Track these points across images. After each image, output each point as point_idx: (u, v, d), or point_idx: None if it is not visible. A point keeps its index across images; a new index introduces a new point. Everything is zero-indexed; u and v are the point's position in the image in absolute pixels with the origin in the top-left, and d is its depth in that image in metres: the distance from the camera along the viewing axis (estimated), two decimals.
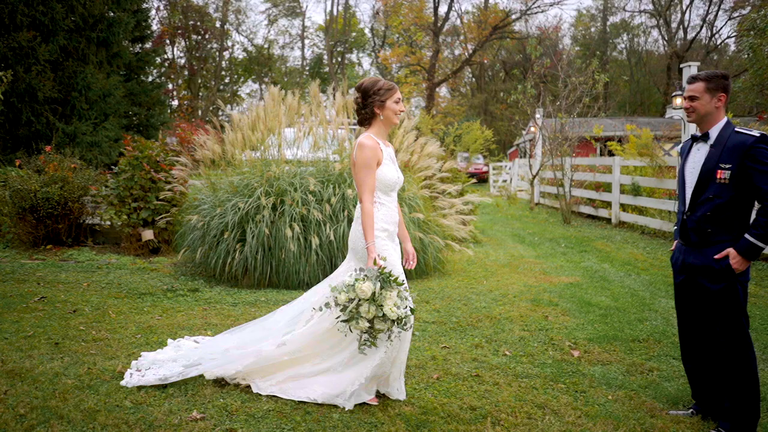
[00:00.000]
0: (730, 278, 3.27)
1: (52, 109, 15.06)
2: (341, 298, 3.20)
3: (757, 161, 3.19)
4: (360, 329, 3.21)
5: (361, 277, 3.19)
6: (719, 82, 3.37)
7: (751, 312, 5.80)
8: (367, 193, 3.44)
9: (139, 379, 3.70)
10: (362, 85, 3.58)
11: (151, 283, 6.83)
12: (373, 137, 3.51)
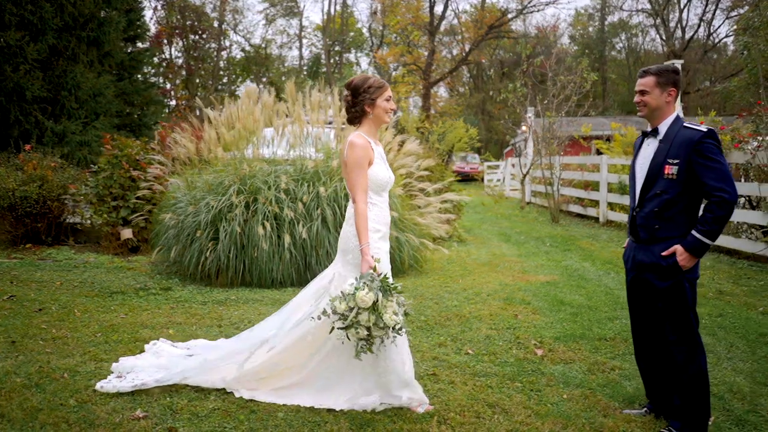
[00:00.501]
0: (677, 276, 3.23)
1: (41, 108, 15.02)
2: (340, 306, 3.11)
3: (704, 156, 3.14)
4: (358, 337, 3.14)
5: (361, 285, 3.10)
6: (670, 77, 3.33)
7: (724, 310, 5.75)
8: (360, 193, 3.35)
9: (116, 383, 3.60)
10: (352, 83, 3.50)
11: (125, 281, 6.80)
12: (364, 136, 3.42)
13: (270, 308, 5.74)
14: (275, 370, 3.54)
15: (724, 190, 3.07)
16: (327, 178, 6.98)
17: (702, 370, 3.26)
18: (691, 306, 3.26)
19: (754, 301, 6.09)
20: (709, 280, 7.08)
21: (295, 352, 3.52)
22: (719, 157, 3.14)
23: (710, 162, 3.13)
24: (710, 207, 3.10)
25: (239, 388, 3.57)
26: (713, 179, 3.10)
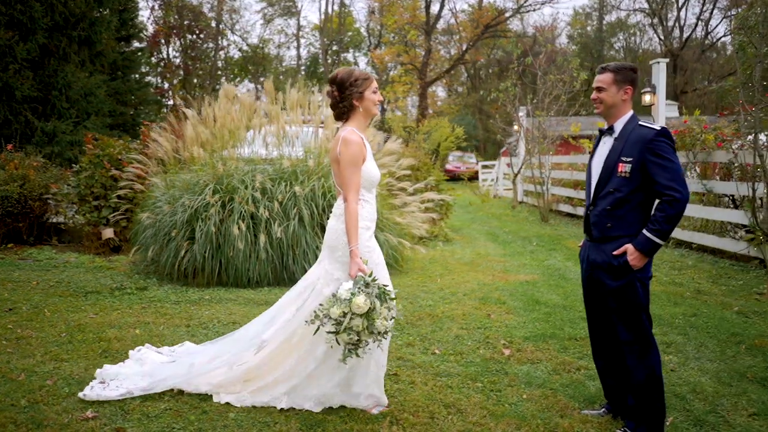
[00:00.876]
0: (628, 275, 3.20)
1: (32, 108, 15.01)
2: (335, 312, 3.03)
3: (656, 155, 3.11)
4: (347, 341, 3.07)
5: (357, 291, 3.03)
6: (627, 75, 3.30)
7: (699, 310, 5.72)
8: (353, 192, 3.25)
9: (100, 391, 3.50)
10: (337, 77, 3.36)
11: (102, 281, 6.78)
12: (357, 132, 3.32)
13: (243, 308, 5.73)
14: (259, 372, 3.49)
15: (675, 189, 3.04)
16: (305, 177, 6.95)
17: (655, 370, 3.23)
18: (643, 306, 3.23)
19: (731, 301, 6.05)
20: (689, 280, 7.04)
21: (280, 352, 3.47)
22: (672, 156, 3.11)
23: (662, 161, 3.09)
24: (661, 206, 3.07)
25: (221, 392, 3.49)
26: (665, 178, 3.07)
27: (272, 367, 3.48)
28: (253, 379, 3.51)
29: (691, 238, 8.80)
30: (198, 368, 3.64)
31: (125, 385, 3.57)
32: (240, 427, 3.19)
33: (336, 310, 3.03)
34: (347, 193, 3.26)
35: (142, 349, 4.20)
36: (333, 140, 3.44)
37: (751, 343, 4.78)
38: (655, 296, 6.29)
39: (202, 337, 4.78)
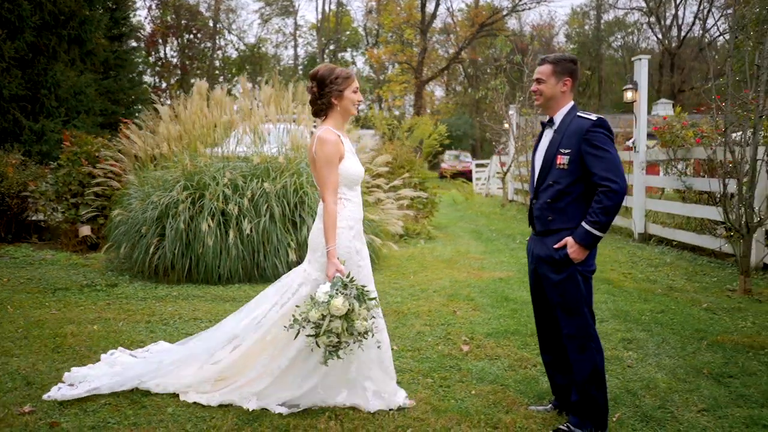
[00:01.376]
0: (569, 268, 3.16)
1: (21, 106, 15.00)
2: (314, 315, 2.97)
3: (593, 145, 3.07)
4: (327, 344, 3.01)
5: (335, 293, 2.98)
6: (566, 66, 3.26)
7: (668, 307, 5.67)
8: (330, 191, 3.21)
9: (67, 391, 3.41)
10: (317, 73, 3.31)
11: (74, 278, 6.76)
12: (333, 130, 3.27)
13: (209, 304, 5.70)
14: (234, 370, 3.44)
15: (612, 180, 3.00)
16: (277, 173, 6.93)
17: (597, 364, 3.19)
18: (585, 299, 3.19)
19: (701, 298, 6.01)
20: (664, 277, 7.00)
21: (253, 351, 3.42)
22: (608, 146, 3.07)
23: (599, 151, 3.06)
24: (598, 197, 3.04)
25: (189, 392, 3.43)
26: (601, 169, 3.03)
27: (244, 365, 3.43)
28: (226, 378, 3.45)
29: (672, 236, 8.76)
30: (167, 366, 3.59)
31: (94, 384, 3.51)
32: (176, 421, 3.16)
33: (314, 313, 2.98)
34: (324, 193, 3.23)
35: (116, 352, 4.10)
36: (310, 140, 3.39)
37: (713, 339, 4.74)
38: (626, 293, 6.26)
39: (161, 333, 4.76)
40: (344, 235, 3.25)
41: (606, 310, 5.59)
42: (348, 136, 3.51)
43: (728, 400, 3.66)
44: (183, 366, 3.57)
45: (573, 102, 3.32)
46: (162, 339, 4.60)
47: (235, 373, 3.44)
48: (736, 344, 4.62)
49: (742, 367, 4.17)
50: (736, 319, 5.28)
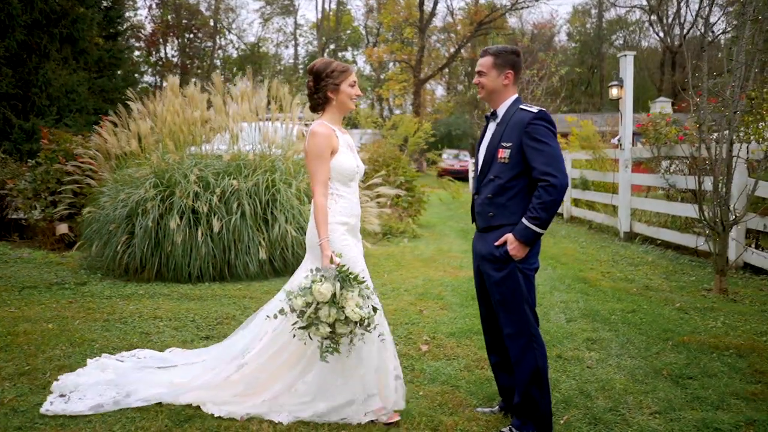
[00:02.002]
0: (510, 266, 3.06)
1: (11, 105, 15.00)
2: (298, 302, 2.87)
3: (533, 138, 2.98)
4: (321, 335, 2.89)
5: (318, 278, 2.88)
6: (507, 58, 3.16)
7: (640, 306, 5.56)
8: (318, 185, 3.13)
9: (63, 405, 3.25)
10: (314, 67, 3.26)
11: (45, 276, 6.69)
12: (327, 124, 3.20)
13: (173, 303, 5.62)
14: (254, 385, 3.29)
15: (551, 175, 2.90)
16: (250, 171, 6.85)
17: (538, 365, 3.09)
18: (526, 297, 3.09)
19: (676, 297, 5.90)
20: (642, 276, 6.89)
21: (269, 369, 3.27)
22: (550, 140, 2.97)
23: (539, 144, 2.96)
24: (538, 192, 2.94)
25: (207, 402, 3.28)
26: (541, 163, 2.93)
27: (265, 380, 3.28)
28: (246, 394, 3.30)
29: (656, 234, 8.64)
30: (181, 385, 3.45)
31: (90, 396, 3.35)
32: (104, 422, 3.08)
33: (298, 301, 2.88)
34: (313, 186, 3.16)
35: (100, 358, 3.96)
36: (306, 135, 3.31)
37: (679, 339, 4.63)
38: (601, 292, 6.15)
39: (116, 332, 4.68)
40: (336, 231, 3.17)
41: (576, 310, 5.49)
42: (348, 132, 3.42)
43: (683, 403, 3.56)
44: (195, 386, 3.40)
45: (517, 95, 3.22)
46: (116, 337, 4.54)
47: (257, 389, 3.28)
48: (702, 345, 4.51)
49: (704, 368, 4.07)
50: (707, 319, 5.17)
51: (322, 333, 2.89)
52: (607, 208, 10.41)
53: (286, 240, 6.64)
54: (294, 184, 6.92)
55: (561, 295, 6.06)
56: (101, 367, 3.74)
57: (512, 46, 3.26)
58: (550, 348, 4.49)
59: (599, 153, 10.45)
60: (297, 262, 6.77)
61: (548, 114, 3.07)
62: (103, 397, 3.32)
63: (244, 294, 5.96)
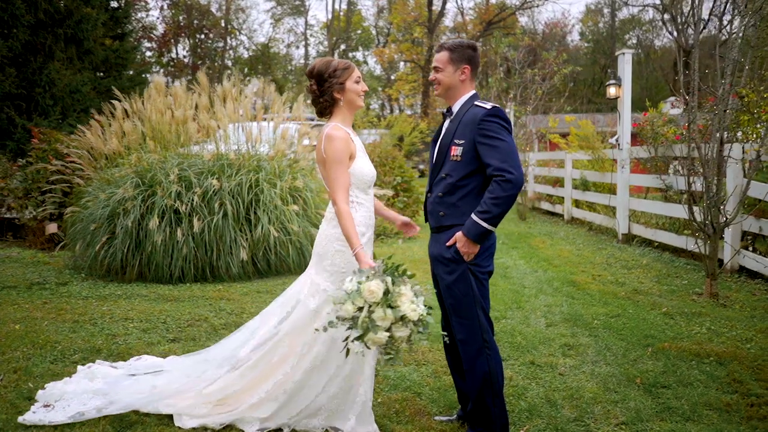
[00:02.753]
0: (461, 268, 2.94)
1: (15, 105, 15.09)
2: (348, 309, 2.56)
3: (485, 135, 2.85)
4: (378, 343, 2.57)
5: (364, 278, 2.59)
6: (463, 53, 3.02)
7: (625, 310, 5.39)
8: (340, 191, 2.92)
9: (44, 414, 3.15)
10: (314, 70, 3.06)
11: (28, 276, 6.66)
12: (342, 127, 3.00)
13: (149, 304, 5.55)
14: (236, 394, 3.16)
15: (506, 170, 2.77)
16: (233, 171, 6.77)
17: (492, 372, 2.96)
18: (478, 301, 2.96)
19: (664, 301, 5.72)
20: (633, 279, 6.71)
21: (258, 373, 3.12)
22: (504, 135, 2.84)
23: (493, 141, 2.83)
24: (491, 187, 2.79)
25: (183, 416, 3.14)
26: (496, 159, 2.80)
27: (247, 389, 3.14)
28: (226, 403, 3.16)
29: (654, 236, 8.44)
30: (161, 391, 3.31)
31: (74, 405, 3.24)
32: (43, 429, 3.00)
33: (348, 307, 2.57)
34: (335, 194, 2.94)
35: (93, 365, 3.83)
36: (317, 139, 3.10)
37: (660, 346, 4.46)
38: (588, 296, 5.99)
39: (83, 333, 4.61)
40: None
41: (558, 314, 5.33)
42: (357, 134, 3.22)
43: (652, 413, 3.41)
44: (179, 390, 3.28)
45: (474, 90, 3.09)
46: (81, 339, 4.47)
47: (237, 397, 3.15)
48: (682, 352, 4.34)
49: (680, 376, 3.90)
50: (692, 324, 5.00)
51: (380, 340, 2.56)
52: (607, 210, 10.21)
53: (269, 240, 6.55)
54: (279, 185, 6.83)
55: (546, 298, 5.91)
56: (90, 376, 3.61)
57: (469, 40, 3.12)
58: (524, 354, 4.36)
59: (598, 153, 10.25)
60: (280, 262, 6.70)
61: (502, 110, 2.94)
62: (87, 406, 3.21)
63: (221, 295, 5.87)
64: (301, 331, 3.05)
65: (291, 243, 6.67)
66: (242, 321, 5.07)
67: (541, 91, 12.53)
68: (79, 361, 4.02)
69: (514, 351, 4.42)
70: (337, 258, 3.01)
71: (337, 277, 2.99)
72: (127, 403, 3.23)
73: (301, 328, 3.05)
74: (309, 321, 3.03)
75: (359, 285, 2.56)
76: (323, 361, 3.03)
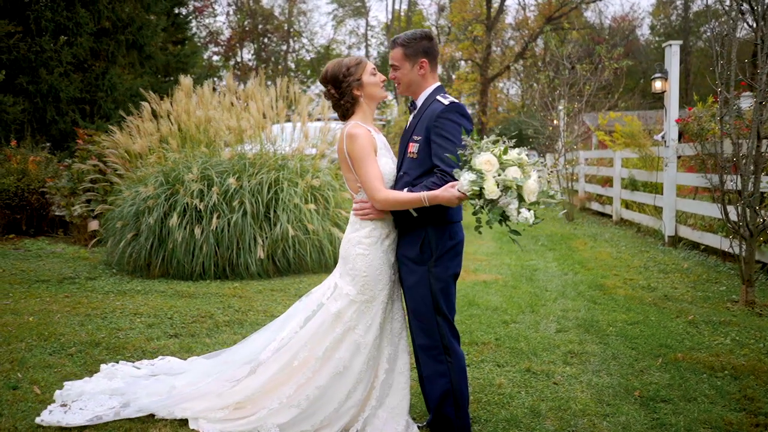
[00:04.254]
0: (420, 271, 2.81)
1: (80, 109, 15.93)
2: (491, 188, 2.40)
3: (437, 134, 2.72)
4: (535, 191, 2.47)
5: (468, 171, 2.44)
6: (418, 46, 2.86)
7: (648, 317, 5.05)
8: (376, 181, 2.82)
9: (62, 416, 3.13)
10: (328, 74, 2.99)
11: (63, 271, 6.95)
12: (361, 124, 2.93)
13: (163, 300, 5.67)
14: (254, 398, 3.09)
15: (450, 174, 2.64)
16: (255, 169, 6.84)
17: (453, 382, 2.82)
18: (438, 305, 2.83)
19: (693, 309, 5.32)
20: (667, 284, 6.29)
21: (277, 377, 3.06)
22: (455, 135, 2.69)
23: (444, 141, 2.70)
24: (433, 178, 2.72)
25: (199, 419, 3.10)
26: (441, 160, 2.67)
27: (267, 393, 3.07)
28: (244, 406, 3.10)
29: (700, 239, 7.91)
30: (180, 392, 3.28)
31: (91, 406, 3.23)
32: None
33: (490, 185, 2.41)
34: (371, 189, 2.84)
35: (116, 365, 3.85)
36: (338, 140, 3.07)
37: (673, 356, 4.14)
38: (612, 301, 5.67)
39: (91, 327, 4.75)
40: (376, 249, 2.92)
41: (572, 319, 5.06)
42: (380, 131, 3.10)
43: (642, 429, 3.15)
44: (197, 394, 3.23)
45: (438, 83, 2.95)
46: (85, 332, 4.60)
47: (256, 401, 3.09)
48: (696, 363, 4.01)
49: (686, 390, 3.60)
50: (716, 334, 4.62)
51: (535, 186, 2.47)
52: (655, 211, 9.67)
53: (287, 239, 6.56)
54: (300, 183, 6.84)
55: (565, 302, 5.63)
56: (110, 375, 3.63)
57: (422, 29, 2.96)
58: (522, 360, 4.15)
59: (645, 151, 9.71)
60: (299, 261, 6.71)
61: (461, 106, 2.78)
62: (103, 407, 3.21)
63: (235, 293, 5.93)
64: (323, 335, 3.00)
65: (310, 242, 6.66)
66: (247, 319, 5.10)
67: (589, 87, 12.01)
68: (75, 354, 4.14)
69: (513, 357, 4.22)
70: (359, 262, 2.94)
71: (359, 281, 2.92)
72: (144, 405, 3.21)
73: (322, 332, 3.00)
74: (330, 325, 2.98)
75: (476, 173, 2.41)
76: (346, 368, 2.96)
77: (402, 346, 3.09)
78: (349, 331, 2.96)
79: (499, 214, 2.47)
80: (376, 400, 3.03)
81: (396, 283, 3.06)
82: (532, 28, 33.63)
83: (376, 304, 2.97)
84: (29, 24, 14.52)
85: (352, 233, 3.00)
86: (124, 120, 8.26)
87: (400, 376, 3.06)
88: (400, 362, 3.07)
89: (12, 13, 14.34)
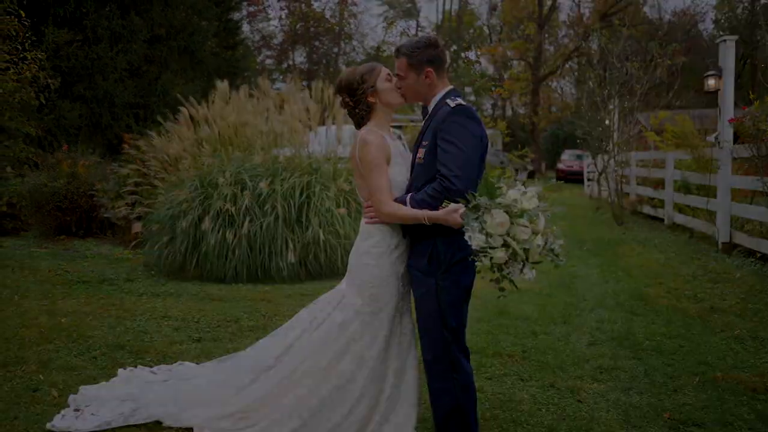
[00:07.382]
0: (428, 283, 2.70)
1: (134, 114, 16.48)
2: (500, 256, 2.39)
3: (442, 138, 2.61)
4: (538, 251, 2.49)
5: (476, 224, 2.38)
6: (423, 55, 2.74)
7: (689, 330, 4.76)
8: (383, 194, 2.78)
9: (72, 421, 3.16)
10: (342, 83, 2.97)
11: (104, 272, 7.12)
12: (376, 131, 2.89)
13: (193, 303, 5.73)
14: (258, 407, 3.06)
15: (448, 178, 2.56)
16: (288, 174, 6.85)
17: (459, 402, 2.70)
18: (443, 318, 2.70)
19: (740, 322, 4.98)
20: (716, 295, 5.93)
21: (285, 386, 3.02)
22: (459, 139, 2.60)
23: (448, 145, 2.59)
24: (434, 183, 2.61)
25: (205, 428, 3.07)
26: (443, 165, 2.59)
27: (269, 401, 3.04)
28: (248, 416, 3.05)
29: (757, 246, 7.43)
30: (187, 396, 3.29)
31: (102, 412, 3.23)
32: None
33: (500, 254, 2.39)
34: (376, 202, 2.81)
35: (135, 369, 3.86)
36: (351, 145, 3.05)
37: (712, 376, 3.87)
38: (653, 312, 5.38)
39: (119, 329, 4.83)
40: (384, 260, 2.87)
41: (607, 332, 4.82)
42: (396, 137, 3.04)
43: None
44: (205, 400, 3.22)
45: (449, 86, 2.82)
46: (111, 335, 4.68)
47: (258, 410, 3.04)
48: (737, 384, 3.73)
49: (722, 414, 3.35)
50: (763, 352, 4.31)
51: (537, 246, 2.48)
52: (709, 216, 9.17)
53: (319, 243, 6.54)
54: (332, 188, 6.81)
55: (601, 313, 5.37)
56: (126, 380, 3.65)
57: (427, 36, 2.84)
58: (547, 374, 3.96)
59: (698, 152, 9.22)
60: (330, 265, 6.69)
61: (468, 108, 2.66)
62: (114, 413, 3.22)
63: (264, 297, 5.94)
64: (327, 345, 2.95)
65: (341, 246, 6.62)
66: (271, 324, 5.08)
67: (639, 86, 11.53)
68: (99, 357, 4.21)
69: (538, 371, 4.04)
70: (366, 272, 2.89)
71: (366, 292, 2.87)
72: (151, 413, 3.22)
73: (326, 342, 2.95)
74: (335, 335, 2.93)
75: (485, 234, 2.35)
76: (349, 380, 2.90)
77: (410, 361, 2.98)
78: (353, 342, 2.89)
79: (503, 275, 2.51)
80: (382, 416, 2.93)
81: (406, 294, 2.97)
82: (586, 26, 32.70)
83: (383, 316, 2.88)
84: (86, 32, 15.11)
85: (360, 243, 2.94)
86: (174, 123, 8.43)
87: (408, 391, 2.96)
88: (407, 377, 2.97)
89: (71, 23, 14.94)
